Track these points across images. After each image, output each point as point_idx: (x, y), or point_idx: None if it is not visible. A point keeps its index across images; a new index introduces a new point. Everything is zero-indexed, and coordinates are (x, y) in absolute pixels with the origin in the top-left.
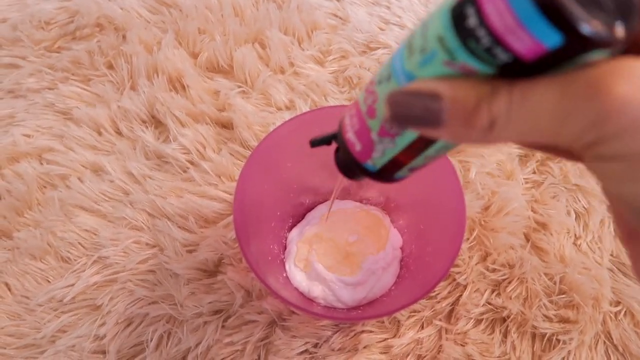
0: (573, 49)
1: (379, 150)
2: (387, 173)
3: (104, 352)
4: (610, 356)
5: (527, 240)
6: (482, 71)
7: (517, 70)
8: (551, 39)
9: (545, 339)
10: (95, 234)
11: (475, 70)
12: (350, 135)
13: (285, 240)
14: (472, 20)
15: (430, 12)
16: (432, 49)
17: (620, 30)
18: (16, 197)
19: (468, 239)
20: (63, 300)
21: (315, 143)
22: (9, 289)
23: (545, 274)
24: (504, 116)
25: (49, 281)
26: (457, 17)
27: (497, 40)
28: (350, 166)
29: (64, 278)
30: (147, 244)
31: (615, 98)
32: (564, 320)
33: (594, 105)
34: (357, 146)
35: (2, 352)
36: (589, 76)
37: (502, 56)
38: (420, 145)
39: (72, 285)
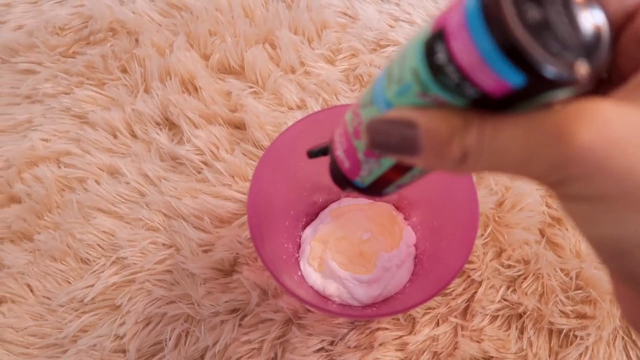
0: (537, 89)
1: (365, 169)
2: (375, 189)
3: (124, 351)
4: (629, 351)
5: (542, 235)
6: (455, 103)
7: (487, 103)
8: (514, 78)
9: (563, 334)
10: (113, 235)
11: (447, 102)
12: (339, 153)
13: (299, 239)
14: (441, 56)
15: (407, 43)
16: (407, 80)
17: (583, 69)
18: (36, 200)
19: (482, 235)
20: (83, 301)
21: (313, 154)
22: (31, 290)
23: (561, 270)
24: (475, 150)
25: (69, 282)
26: (428, 52)
27: (464, 77)
28: (341, 180)
29: (84, 279)
30: (163, 245)
31: (576, 144)
32: (581, 315)
33: (557, 149)
34: (345, 164)
35: (26, 352)
36: (553, 119)
37: (471, 92)
38: (405, 165)
39: (92, 285)
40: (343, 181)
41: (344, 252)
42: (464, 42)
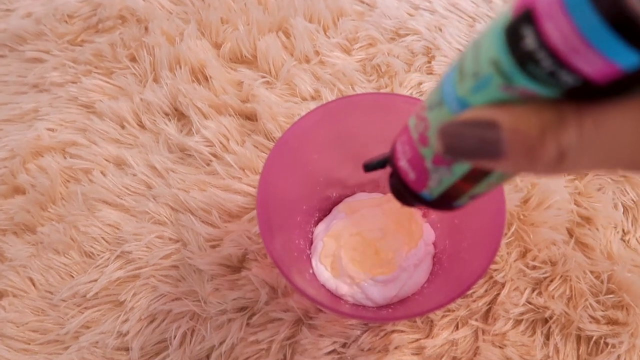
0: None
1: (434, 179)
2: (446, 202)
3: (127, 349)
4: None
5: (571, 235)
6: (546, 95)
7: (587, 92)
8: (627, 58)
9: (592, 341)
10: (118, 229)
11: (537, 95)
12: (403, 164)
13: (312, 235)
14: (529, 42)
15: (482, 31)
16: (486, 73)
17: None
18: (40, 192)
19: (506, 234)
20: (86, 296)
21: (370, 167)
22: (33, 284)
23: (591, 272)
24: (576, 147)
25: (72, 276)
26: (513, 38)
27: (561, 62)
28: (405, 194)
29: (87, 273)
30: (170, 239)
31: None
32: (612, 321)
33: None
34: (410, 175)
35: (27, 348)
36: None
37: (569, 80)
38: (481, 172)
39: (96, 280)
40: (408, 195)
41: (359, 249)
42: (561, 21)
